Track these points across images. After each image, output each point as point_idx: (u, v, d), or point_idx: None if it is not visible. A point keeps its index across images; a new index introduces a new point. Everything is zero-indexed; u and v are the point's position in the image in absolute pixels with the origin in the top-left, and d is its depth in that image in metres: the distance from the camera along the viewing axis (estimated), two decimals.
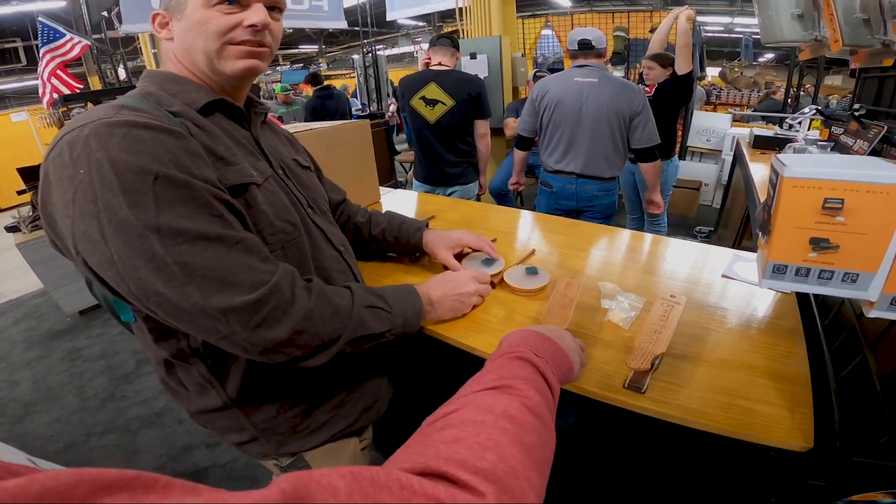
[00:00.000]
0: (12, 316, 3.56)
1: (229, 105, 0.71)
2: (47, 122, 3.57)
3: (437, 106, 2.29)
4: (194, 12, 0.63)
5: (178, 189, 0.53)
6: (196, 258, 0.53)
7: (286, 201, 0.73)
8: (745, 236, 2.69)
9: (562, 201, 2.17)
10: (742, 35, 8.67)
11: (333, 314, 0.65)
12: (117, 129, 0.52)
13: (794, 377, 0.72)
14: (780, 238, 0.55)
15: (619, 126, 1.98)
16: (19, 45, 8.87)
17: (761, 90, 8.01)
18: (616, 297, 0.95)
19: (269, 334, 0.58)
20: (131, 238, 0.50)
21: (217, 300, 0.54)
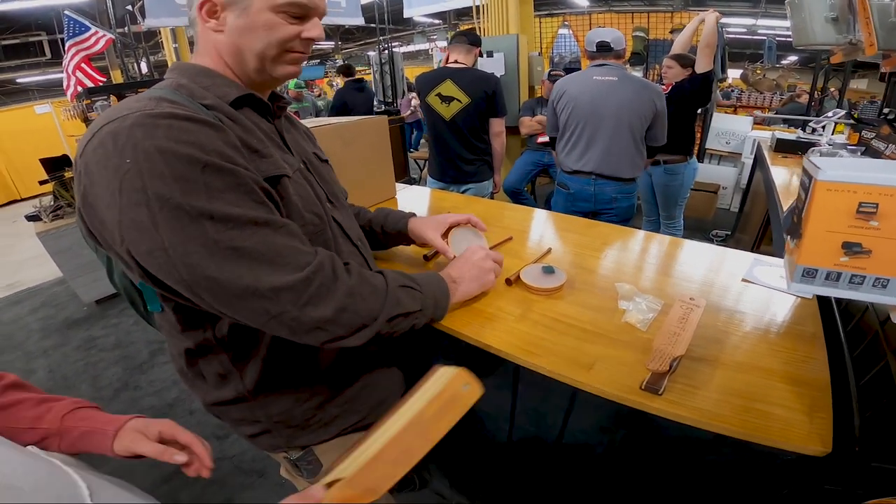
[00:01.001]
0: (30, 304, 3.63)
1: (257, 99, 0.71)
2: (71, 115, 3.65)
3: (452, 103, 2.29)
4: (260, 14, 0.63)
5: (226, 177, 0.55)
6: (246, 242, 0.55)
7: (312, 194, 0.74)
8: (764, 241, 2.64)
9: (579, 203, 2.14)
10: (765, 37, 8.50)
11: (372, 292, 0.66)
12: (161, 119, 0.53)
13: (814, 382, 0.71)
14: (811, 242, 0.54)
15: (640, 126, 1.95)
16: (44, 39, 9.07)
17: (784, 93, 7.84)
18: (633, 298, 0.94)
19: (316, 312, 0.59)
20: (184, 224, 0.52)
21: (268, 280, 0.56)
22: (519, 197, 3.41)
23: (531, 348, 0.83)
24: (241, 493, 1.69)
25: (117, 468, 1.88)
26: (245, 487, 1.71)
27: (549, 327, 0.88)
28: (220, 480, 1.75)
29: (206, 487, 1.73)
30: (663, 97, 1.96)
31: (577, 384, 0.77)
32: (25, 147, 7.67)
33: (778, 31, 9.56)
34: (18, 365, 2.75)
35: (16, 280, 4.18)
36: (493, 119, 2.34)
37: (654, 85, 2.00)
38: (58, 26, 7.78)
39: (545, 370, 0.80)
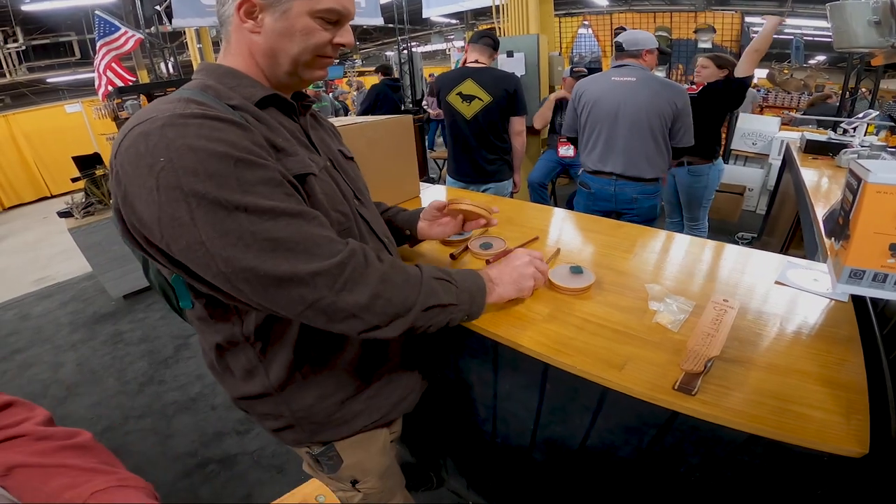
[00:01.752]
0: (59, 298, 3.75)
1: (282, 99, 0.72)
2: (101, 114, 3.76)
3: (473, 101, 2.30)
4: (299, 18, 0.64)
5: (257, 171, 0.56)
6: (282, 233, 0.56)
7: (338, 192, 0.75)
8: (793, 244, 2.57)
9: (600, 202, 2.14)
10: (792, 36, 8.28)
11: (405, 281, 0.67)
12: (192, 119, 0.55)
13: (850, 385, 0.70)
14: (859, 243, 0.53)
15: (660, 126, 1.94)
16: (73, 39, 9.34)
17: (811, 93, 7.63)
18: (664, 299, 0.93)
19: (351, 297, 0.60)
20: (220, 218, 0.53)
21: (304, 267, 0.57)
22: (541, 191, 3.41)
23: (561, 348, 0.83)
24: (261, 489, 1.72)
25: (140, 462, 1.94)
26: (264, 483, 1.74)
27: (580, 328, 0.88)
28: (240, 475, 1.78)
29: (225, 483, 1.76)
30: (685, 96, 1.93)
31: (609, 384, 0.77)
32: (55, 145, 7.95)
33: (805, 31, 9.31)
34: (47, 358, 2.83)
35: (46, 275, 4.32)
36: (514, 118, 2.35)
37: (676, 84, 1.98)
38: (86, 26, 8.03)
39: (576, 370, 0.80)
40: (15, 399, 0.63)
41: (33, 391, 2.50)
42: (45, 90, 10.27)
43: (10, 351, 2.99)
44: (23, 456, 0.56)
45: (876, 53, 1.49)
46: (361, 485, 0.94)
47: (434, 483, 1.60)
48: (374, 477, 0.94)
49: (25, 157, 8.13)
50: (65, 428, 0.63)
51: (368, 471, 0.93)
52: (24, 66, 9.12)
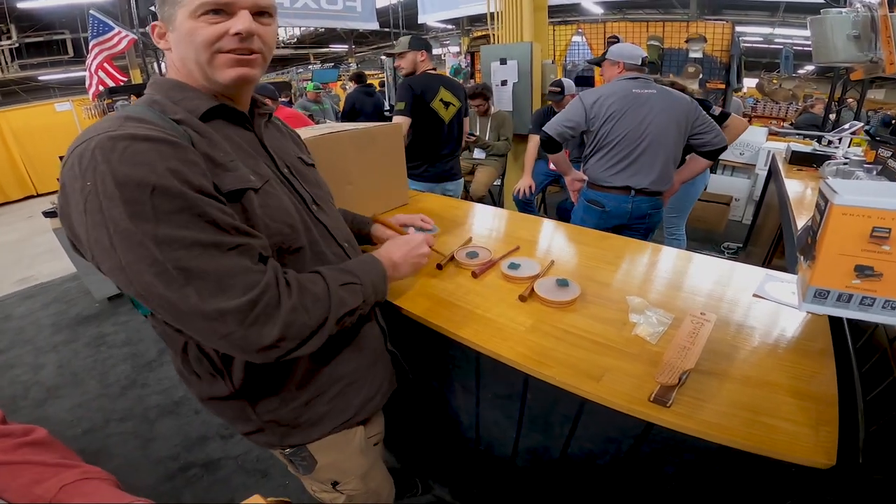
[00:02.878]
0: (42, 299, 3.66)
1: (230, 109, 0.73)
2: (92, 114, 3.73)
3: (450, 107, 2.49)
4: (183, 24, 0.65)
5: (174, 200, 0.56)
6: (192, 263, 0.56)
7: (287, 203, 0.74)
8: (776, 255, 2.61)
9: (612, 220, 2.06)
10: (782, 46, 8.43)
11: (315, 301, 0.68)
12: (119, 142, 0.55)
13: (821, 397, 0.72)
14: (824, 264, 0.55)
15: (679, 139, 1.92)
16: (68, 37, 9.24)
17: (800, 103, 7.75)
18: (644, 311, 0.95)
19: (263, 330, 0.61)
20: (134, 245, 0.54)
21: (214, 302, 0.58)
22: (528, 207, 3.40)
23: (541, 359, 0.84)
24: (244, 493, 1.68)
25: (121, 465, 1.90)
26: (248, 487, 1.72)
27: (560, 339, 0.90)
28: (224, 479, 1.76)
29: (208, 487, 1.74)
30: (695, 102, 1.93)
31: (586, 395, 0.78)
32: (43, 144, 7.83)
33: (795, 41, 9.48)
34: (28, 360, 2.77)
35: (30, 275, 4.23)
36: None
37: (683, 94, 1.96)
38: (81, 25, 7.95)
39: (555, 380, 0.81)
40: None
41: (14, 393, 2.44)
42: (36, 88, 10.16)
43: None
44: None
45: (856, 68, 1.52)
46: (343, 486, 0.94)
47: (419, 489, 1.60)
48: (356, 478, 0.95)
49: (13, 154, 8.01)
50: (20, 425, 0.64)
51: (347, 471, 0.94)
52: (16, 63, 9.02)
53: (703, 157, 1.99)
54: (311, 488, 0.98)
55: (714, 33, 4.35)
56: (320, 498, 0.98)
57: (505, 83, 3.73)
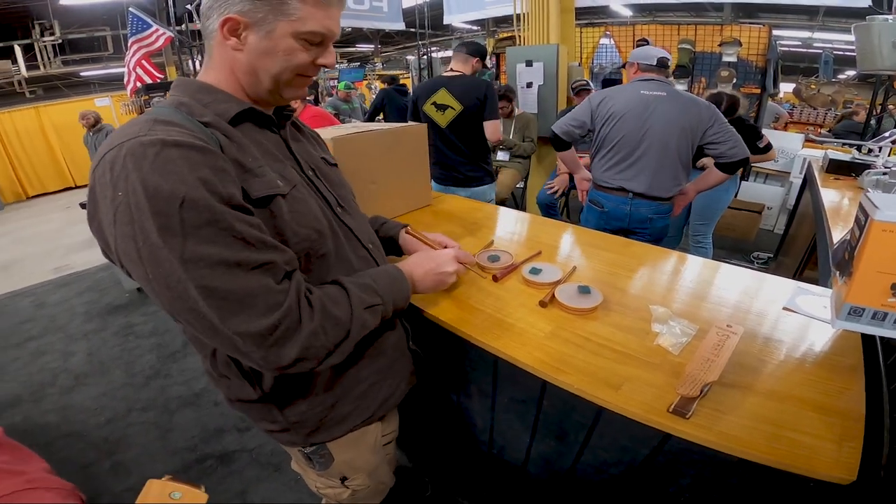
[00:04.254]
0: (76, 287, 3.82)
1: (258, 113, 0.73)
2: (129, 109, 3.87)
3: (447, 111, 2.34)
4: (282, 39, 0.65)
5: (202, 213, 0.55)
6: (216, 282, 0.56)
7: (314, 207, 0.74)
8: (809, 266, 2.52)
9: (612, 221, 2.07)
10: (821, 51, 8.11)
11: (336, 325, 0.67)
12: (150, 148, 0.55)
13: (847, 412, 0.71)
14: (861, 281, 0.53)
15: (686, 145, 1.87)
16: (108, 34, 9.58)
17: (839, 109, 7.44)
18: (668, 321, 0.93)
19: (282, 351, 0.61)
20: (160, 261, 0.54)
21: (234, 324, 0.58)
22: (550, 211, 3.37)
23: (560, 365, 0.84)
24: (256, 486, 1.73)
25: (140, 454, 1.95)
26: (260, 480, 1.75)
27: (580, 346, 0.89)
28: (237, 472, 1.80)
29: (222, 479, 1.77)
30: (712, 109, 1.86)
31: (604, 403, 0.77)
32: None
33: (836, 45, 9.10)
34: (59, 347, 2.88)
35: (65, 263, 4.43)
36: (485, 122, 2.35)
37: (702, 100, 1.90)
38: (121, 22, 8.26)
39: (572, 388, 0.80)
40: None
41: (42, 380, 2.54)
42: (77, 83, 10.58)
43: (25, 338, 3.03)
44: None
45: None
46: (350, 482, 0.95)
47: (429, 489, 1.61)
48: (364, 474, 0.96)
49: (53, 147, 8.40)
50: None
51: (358, 468, 0.95)
52: (58, 59, 9.42)
53: (720, 168, 1.91)
54: (316, 485, 0.99)
55: (750, 37, 4.21)
56: (324, 494, 0.99)
57: (530, 85, 3.71)
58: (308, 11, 0.65)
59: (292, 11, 0.64)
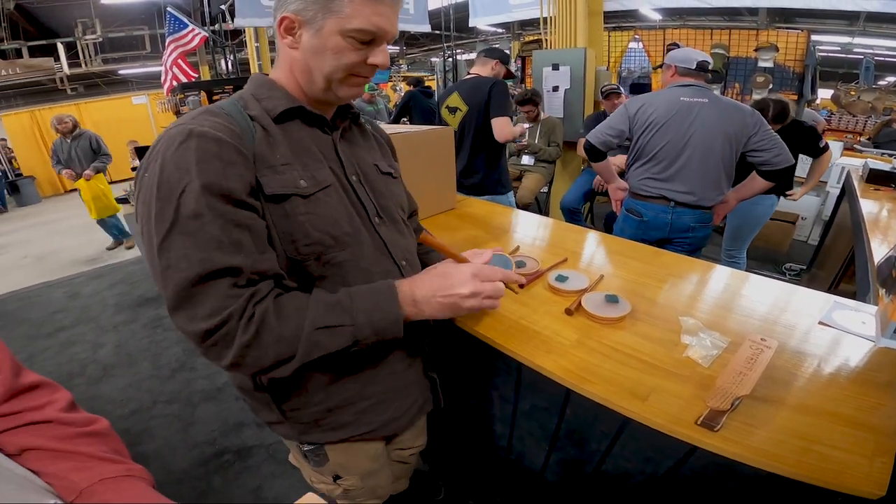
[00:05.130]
0: (109, 280, 3.95)
1: (307, 112, 0.74)
2: (165, 108, 4.00)
3: (457, 113, 2.29)
4: (331, 37, 0.66)
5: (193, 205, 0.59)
6: (175, 273, 0.59)
7: (340, 212, 0.73)
8: (845, 279, 2.42)
9: (651, 232, 1.98)
10: (862, 56, 7.80)
11: (277, 341, 0.63)
12: (178, 137, 0.61)
13: (880, 428, 0.69)
14: None
15: (730, 152, 1.79)
16: (146, 33, 9.93)
17: (879, 117, 7.12)
18: (698, 333, 0.91)
19: (220, 353, 0.62)
20: (150, 240, 0.61)
21: (178, 318, 0.61)
22: (575, 216, 3.32)
23: (586, 375, 0.83)
24: (272, 482, 1.74)
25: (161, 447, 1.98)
26: (276, 476, 1.76)
27: (607, 356, 0.88)
28: (254, 467, 1.81)
29: (238, 473, 1.79)
30: (759, 117, 1.78)
31: (630, 414, 0.77)
32: (119, 134, 8.51)
33: (877, 50, 8.72)
34: (90, 337, 2.97)
35: (99, 255, 4.61)
36: (492, 119, 2.18)
37: (745, 106, 1.83)
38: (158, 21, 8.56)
39: (598, 397, 0.80)
40: (41, 380, 0.66)
41: (71, 370, 2.57)
42: (116, 81, 11.01)
43: (56, 328, 3.11)
44: (39, 440, 0.59)
45: None
46: (343, 481, 0.96)
47: (442, 492, 1.60)
48: (357, 477, 0.96)
49: None
50: (85, 414, 0.67)
51: (352, 471, 0.95)
52: (99, 57, 9.81)
53: (764, 177, 1.82)
54: (311, 478, 1.00)
55: (787, 42, 4.09)
56: (317, 488, 1.00)
57: (556, 89, 3.68)
58: (355, 9, 0.65)
59: (340, 8, 0.64)
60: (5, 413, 0.60)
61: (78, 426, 0.63)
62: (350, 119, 0.84)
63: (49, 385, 0.67)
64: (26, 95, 10.09)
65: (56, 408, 0.64)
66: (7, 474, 0.55)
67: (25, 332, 3.14)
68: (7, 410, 0.60)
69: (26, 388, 0.63)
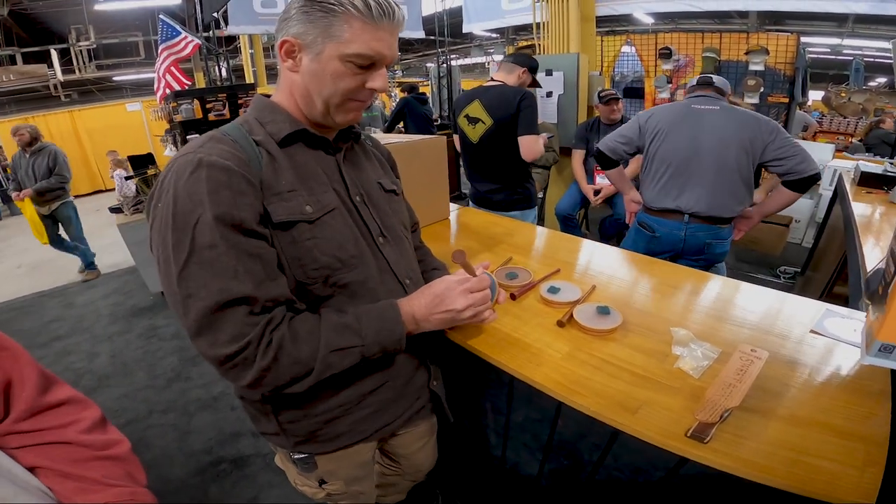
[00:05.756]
0: (103, 290, 3.92)
1: (310, 135, 0.75)
2: (158, 115, 3.98)
3: (477, 125, 2.09)
4: (329, 62, 0.66)
5: (208, 236, 0.62)
6: (196, 302, 0.62)
7: (346, 235, 0.74)
8: (839, 282, 2.43)
9: (663, 246, 1.90)
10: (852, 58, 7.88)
11: (293, 363, 0.67)
12: (188, 167, 0.63)
13: (871, 437, 0.69)
14: (895, 319, 0.51)
15: (747, 161, 1.72)
16: (139, 40, 9.91)
17: (870, 118, 7.19)
18: (689, 344, 0.91)
19: (239, 374, 0.65)
20: (168, 270, 0.63)
21: (200, 343, 0.64)
22: (570, 223, 3.31)
23: (577, 388, 0.83)
24: (269, 491, 1.73)
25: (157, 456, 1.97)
26: (273, 485, 1.75)
27: (598, 368, 0.88)
28: (250, 476, 1.81)
29: (235, 482, 1.79)
30: (775, 124, 1.73)
31: (621, 427, 0.77)
32: (113, 142, 8.49)
33: (866, 52, 8.82)
34: (85, 347, 2.95)
35: None
36: (519, 138, 2.01)
37: (761, 115, 1.78)
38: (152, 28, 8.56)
39: (588, 410, 0.80)
40: (70, 397, 0.68)
41: (67, 380, 2.47)
42: (110, 88, 10.98)
43: (51, 338, 3.10)
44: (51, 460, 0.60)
45: None
46: (328, 485, 0.96)
47: (439, 501, 1.60)
48: (342, 482, 0.96)
49: (86, 151, 8.73)
50: (106, 436, 0.68)
51: (338, 475, 0.95)
52: (93, 63, 9.78)
53: (789, 187, 1.70)
54: (295, 481, 1.00)
55: (777, 45, 4.11)
56: (302, 491, 1.00)
57: (550, 94, 3.69)
58: (355, 34, 0.65)
59: (340, 33, 0.65)
60: (26, 430, 0.61)
61: (95, 449, 0.65)
62: (352, 138, 0.84)
63: (78, 402, 0.69)
64: (20, 102, 10.06)
65: (78, 428, 0.65)
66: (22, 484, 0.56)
67: (20, 342, 3.02)
68: (28, 427, 0.61)
69: (52, 406, 0.65)
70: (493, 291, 0.89)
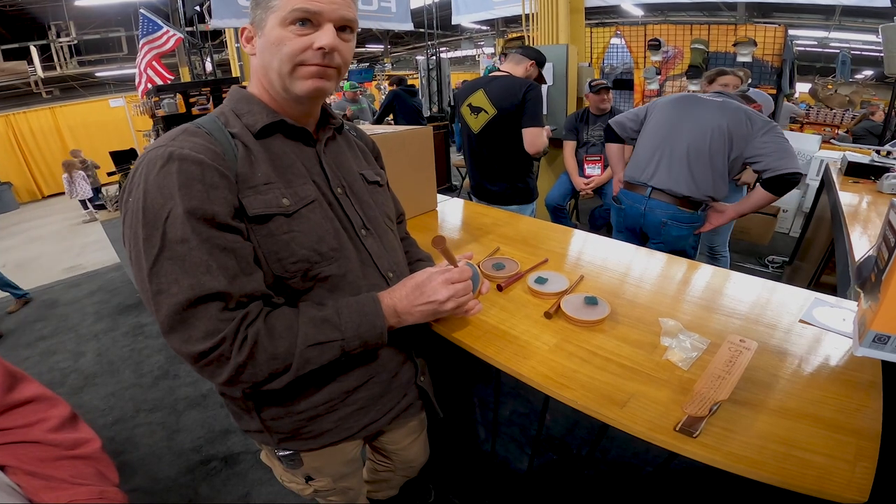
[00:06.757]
0: (88, 287, 3.86)
1: (289, 126, 0.73)
2: (140, 110, 3.89)
3: (480, 114, 2.07)
4: (272, 31, 0.66)
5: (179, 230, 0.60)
6: (168, 298, 0.60)
7: (325, 228, 0.73)
8: (826, 271, 2.45)
9: (629, 220, 1.98)
10: (838, 50, 7.94)
11: (270, 359, 0.65)
12: (159, 161, 0.61)
13: (863, 431, 0.68)
14: (889, 308, 0.49)
15: (723, 149, 1.72)
16: (122, 35, 9.71)
17: (856, 109, 7.27)
18: (677, 335, 0.90)
19: (215, 372, 0.64)
20: (140, 266, 0.62)
21: (173, 339, 0.62)
22: (560, 213, 3.31)
23: (564, 381, 0.81)
24: (259, 488, 1.72)
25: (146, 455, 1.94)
26: (263, 482, 1.74)
27: (585, 360, 0.86)
28: (241, 474, 1.79)
29: (226, 480, 1.77)
30: (771, 124, 1.71)
31: (608, 420, 0.75)
32: (97, 138, 8.34)
33: (853, 45, 8.90)
34: (70, 346, 2.90)
35: (78, 263, 4.50)
36: (524, 129, 1.99)
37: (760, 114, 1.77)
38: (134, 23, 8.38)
39: (576, 404, 0.78)
40: (38, 394, 0.65)
41: (52, 379, 2.52)
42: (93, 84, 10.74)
43: (36, 338, 3.06)
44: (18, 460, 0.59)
45: None
46: (315, 482, 0.95)
47: (432, 496, 1.59)
48: (329, 478, 0.95)
49: (68, 147, 8.54)
50: (75, 435, 0.66)
51: (325, 472, 0.94)
52: (75, 59, 9.56)
53: (765, 186, 1.68)
54: (282, 477, 0.98)
55: (765, 37, 4.13)
56: (289, 487, 0.99)
57: None
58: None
59: (276, 2, 0.65)
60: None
61: (64, 448, 0.63)
62: (334, 129, 0.82)
63: (46, 399, 0.66)
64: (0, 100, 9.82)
65: (45, 427, 0.63)
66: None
67: (5, 341, 3.07)
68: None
69: (20, 404, 0.63)
70: (476, 282, 0.87)
